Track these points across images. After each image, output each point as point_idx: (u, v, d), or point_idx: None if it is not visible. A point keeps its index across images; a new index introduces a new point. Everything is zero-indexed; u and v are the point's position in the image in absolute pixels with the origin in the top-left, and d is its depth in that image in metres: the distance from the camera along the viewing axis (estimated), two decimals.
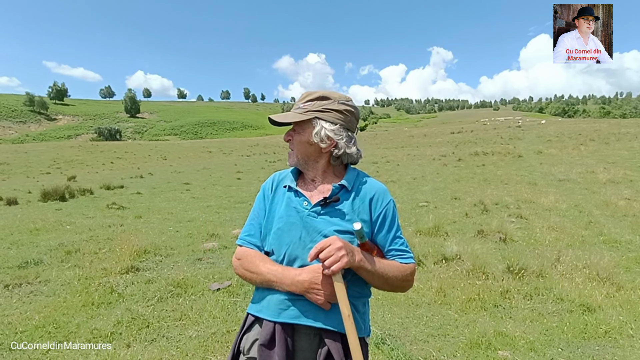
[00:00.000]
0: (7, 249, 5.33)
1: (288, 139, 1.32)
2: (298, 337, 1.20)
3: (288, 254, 1.22)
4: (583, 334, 2.96)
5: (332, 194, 1.26)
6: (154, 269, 4.57)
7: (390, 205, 1.31)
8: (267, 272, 1.20)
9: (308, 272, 1.16)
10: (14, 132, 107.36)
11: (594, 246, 5.19)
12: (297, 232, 1.22)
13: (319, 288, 1.14)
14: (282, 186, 1.32)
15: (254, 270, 1.23)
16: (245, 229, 1.34)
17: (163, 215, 8.19)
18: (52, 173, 26.35)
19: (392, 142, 37.43)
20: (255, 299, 1.28)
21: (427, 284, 3.98)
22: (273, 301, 1.21)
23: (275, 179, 1.37)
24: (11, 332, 3.03)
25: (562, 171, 13.14)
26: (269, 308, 1.22)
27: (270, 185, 1.35)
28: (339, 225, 1.23)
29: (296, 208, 1.25)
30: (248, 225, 1.33)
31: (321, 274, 1.14)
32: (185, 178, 16.70)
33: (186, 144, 66.77)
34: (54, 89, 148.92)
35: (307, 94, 1.29)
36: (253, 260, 1.24)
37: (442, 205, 8.57)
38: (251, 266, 1.24)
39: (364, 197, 1.29)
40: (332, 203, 1.25)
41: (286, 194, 1.29)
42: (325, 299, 1.14)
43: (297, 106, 1.29)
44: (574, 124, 42.04)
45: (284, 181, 1.33)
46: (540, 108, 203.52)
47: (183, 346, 2.87)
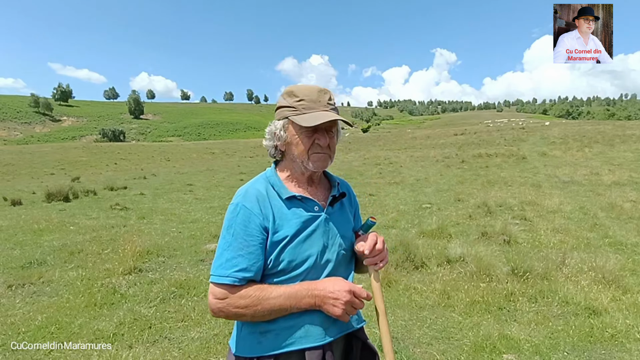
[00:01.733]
0: (10, 249, 5.35)
1: (327, 143, 1.16)
2: (337, 348, 1.19)
3: (315, 265, 1.13)
4: (589, 338, 2.93)
5: (339, 191, 1.26)
6: (157, 270, 4.57)
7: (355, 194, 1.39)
8: (278, 296, 1.06)
9: (330, 283, 1.09)
10: (19, 133, 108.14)
11: (599, 249, 5.14)
12: (320, 241, 1.15)
13: (336, 297, 1.06)
14: (275, 200, 1.15)
15: (257, 303, 1.05)
16: (230, 262, 1.07)
17: (166, 216, 8.20)
18: (56, 174, 26.48)
19: (395, 144, 37.38)
20: (272, 335, 1.11)
21: (431, 286, 3.96)
22: (315, 323, 1.11)
23: (258, 196, 1.14)
24: (14, 333, 3.03)
25: (566, 173, 13.06)
26: (310, 333, 1.11)
27: (258, 205, 1.12)
28: (348, 221, 1.27)
29: (312, 215, 1.16)
30: (236, 257, 1.08)
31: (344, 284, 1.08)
32: (188, 179, 16.72)
33: (189, 145, 66.96)
34: (59, 91, 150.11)
35: (328, 91, 1.18)
36: (252, 293, 1.06)
37: (446, 207, 8.54)
38: (251, 300, 1.05)
39: (347, 190, 1.34)
40: (340, 200, 1.26)
41: (289, 204, 1.15)
42: (346, 309, 1.07)
43: (329, 104, 1.16)
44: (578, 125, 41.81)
45: (271, 194, 1.16)
46: (544, 110, 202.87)
47: (185, 347, 2.86)
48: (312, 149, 1.14)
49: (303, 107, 1.13)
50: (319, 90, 1.16)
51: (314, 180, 1.25)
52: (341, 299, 1.05)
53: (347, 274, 1.24)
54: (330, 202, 1.22)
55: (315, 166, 1.16)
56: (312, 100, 1.13)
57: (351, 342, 1.23)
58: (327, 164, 1.18)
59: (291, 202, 1.16)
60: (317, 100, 1.14)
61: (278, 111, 1.19)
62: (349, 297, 1.05)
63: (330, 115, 1.12)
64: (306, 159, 1.15)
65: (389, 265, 4.41)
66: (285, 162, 1.23)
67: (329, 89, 1.20)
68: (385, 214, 7.92)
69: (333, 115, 1.12)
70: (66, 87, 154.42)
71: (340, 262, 1.20)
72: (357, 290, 1.08)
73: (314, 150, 1.15)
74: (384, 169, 17.55)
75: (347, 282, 1.09)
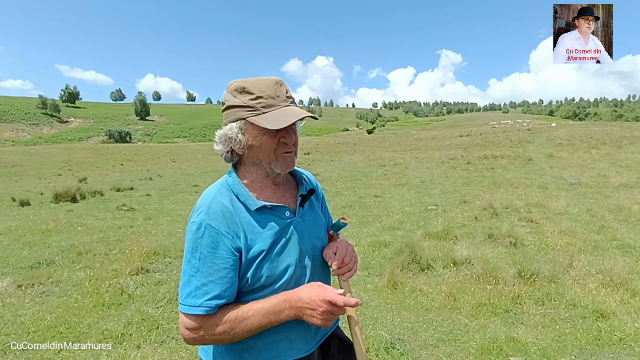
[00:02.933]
0: (20, 250, 5.41)
1: (293, 141, 1.09)
2: (318, 353, 1.20)
3: (294, 274, 1.08)
4: (597, 341, 2.91)
5: (307, 189, 1.20)
6: (164, 270, 4.60)
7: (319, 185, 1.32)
8: (256, 314, 0.98)
9: (306, 292, 0.99)
10: (27, 134, 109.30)
11: (607, 251, 5.10)
12: (296, 248, 1.09)
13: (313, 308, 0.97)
14: (243, 213, 1.04)
15: (234, 326, 0.97)
16: (201, 289, 0.97)
17: (172, 217, 8.25)
18: (63, 175, 26.73)
19: (400, 145, 37.29)
20: (255, 350, 1.06)
21: (437, 288, 3.95)
22: (300, 335, 1.09)
23: (224, 211, 1.02)
24: (24, 332, 3.07)
25: (573, 175, 12.96)
26: (295, 345, 1.08)
27: (225, 223, 1.01)
28: (320, 219, 1.23)
29: (285, 223, 1.09)
30: (206, 284, 0.98)
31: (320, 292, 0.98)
32: (194, 180, 16.80)
33: (195, 146, 67.27)
34: (66, 92, 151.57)
35: (282, 81, 1.07)
36: (228, 317, 0.98)
37: (451, 208, 8.50)
38: (228, 326, 0.97)
39: (313, 183, 1.28)
40: (309, 198, 1.20)
41: (258, 216, 1.05)
42: (325, 318, 0.98)
43: (288, 98, 1.06)
44: (585, 127, 41.46)
45: (238, 207, 1.05)
46: (551, 111, 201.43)
47: (192, 348, 2.88)
48: (279, 149, 1.05)
49: (262, 105, 1.01)
50: (274, 83, 1.05)
51: (279, 181, 1.15)
52: (317, 309, 0.96)
53: (327, 275, 1.21)
54: (300, 203, 1.15)
55: (283, 168, 1.08)
56: (270, 97, 1.02)
57: (328, 341, 1.23)
58: (294, 163, 1.10)
59: (261, 213, 1.05)
60: (275, 96, 1.03)
61: (229, 111, 1.06)
62: (325, 307, 0.96)
63: (297, 111, 1.02)
64: (274, 159, 1.06)
65: (394, 266, 4.40)
66: (246, 166, 1.11)
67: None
68: (390, 216, 7.91)
69: (299, 111, 1.03)
70: (73, 89, 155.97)
71: (317, 264, 1.16)
72: (333, 298, 0.95)
73: (281, 151, 1.06)
74: (389, 171, 17.51)
75: (322, 289, 0.98)
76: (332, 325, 1.23)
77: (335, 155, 30.29)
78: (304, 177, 1.23)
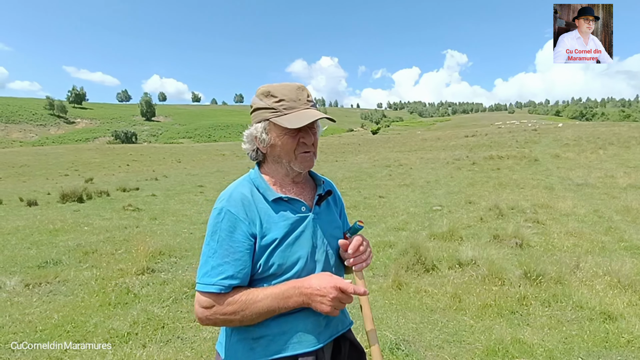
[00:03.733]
0: (27, 249, 5.47)
1: (313, 141, 1.15)
2: (327, 351, 1.19)
3: (305, 267, 1.12)
4: (604, 343, 2.88)
5: (324, 189, 1.25)
6: (169, 270, 4.63)
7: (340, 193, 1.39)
8: (265, 298, 1.04)
9: (316, 279, 1.06)
10: (34, 135, 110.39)
11: (614, 253, 5.05)
12: (309, 242, 1.14)
13: (323, 294, 1.02)
14: (261, 203, 1.13)
15: (244, 307, 1.04)
16: (216, 269, 1.05)
17: (177, 217, 8.29)
18: (70, 175, 26.96)
19: (405, 146, 37.21)
20: (265, 341, 1.10)
21: (442, 289, 3.93)
22: (308, 328, 1.11)
23: (243, 200, 1.12)
24: (31, 331, 3.10)
25: (580, 175, 12.84)
26: (304, 338, 1.10)
27: (243, 210, 1.10)
28: (335, 220, 1.27)
29: (300, 216, 1.15)
30: (222, 264, 1.05)
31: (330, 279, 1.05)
32: (199, 181, 16.88)
33: (200, 147, 67.56)
34: (73, 93, 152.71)
35: (305, 87, 1.16)
36: (239, 298, 1.04)
37: (456, 209, 8.47)
38: (238, 306, 1.04)
39: (332, 189, 1.33)
40: (326, 198, 1.25)
41: (275, 207, 1.13)
42: (334, 305, 1.03)
43: (308, 102, 1.14)
44: (592, 127, 41.08)
45: (257, 197, 1.14)
46: (557, 111, 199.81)
47: (197, 347, 2.90)
48: (299, 148, 1.13)
49: (284, 107, 1.10)
50: (297, 88, 1.14)
51: (299, 180, 1.23)
52: (327, 295, 1.01)
53: (339, 273, 1.23)
54: (316, 201, 1.21)
55: (302, 167, 1.15)
56: (291, 100, 1.11)
57: (339, 342, 1.23)
58: (313, 163, 1.17)
59: (278, 204, 1.14)
60: (296, 99, 1.11)
61: (255, 113, 1.16)
62: (336, 293, 1.02)
63: (315, 113, 1.10)
64: (293, 159, 1.14)
65: (399, 267, 4.39)
66: (269, 164, 1.20)
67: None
68: (395, 216, 7.89)
69: (317, 113, 1.10)
70: (80, 90, 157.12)
71: (329, 262, 1.19)
72: (343, 285, 1.03)
73: (300, 150, 1.13)
74: (394, 171, 17.47)
75: (333, 277, 1.06)
76: (343, 325, 1.23)
77: (340, 156, 30.28)
78: (323, 180, 1.28)
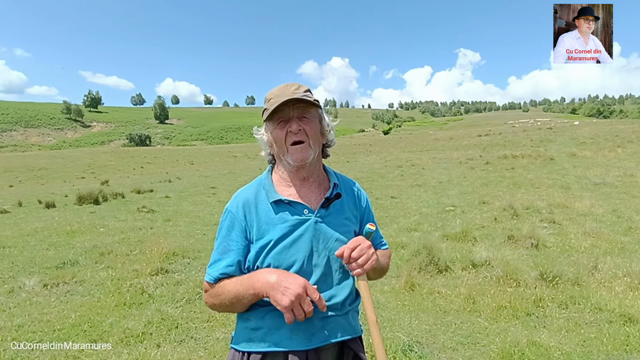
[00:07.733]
0: (45, 250, 5.60)
1: (299, 128, 1.13)
2: (326, 355, 1.16)
3: (301, 271, 1.11)
4: (624, 346, 2.80)
5: (333, 192, 1.21)
6: (183, 271, 4.68)
7: (367, 197, 1.36)
8: (235, 282, 1.10)
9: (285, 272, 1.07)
10: (52, 138, 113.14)
11: (634, 253, 4.91)
12: (307, 245, 1.12)
13: (287, 286, 1.01)
14: (263, 205, 1.16)
15: (220, 292, 1.12)
16: (214, 263, 1.17)
17: (190, 218, 8.38)
18: (86, 177, 27.52)
19: (417, 146, 36.90)
20: (260, 333, 1.12)
21: (455, 290, 3.88)
22: (300, 327, 1.09)
23: (245, 202, 1.18)
24: (50, 330, 3.17)
25: (597, 174, 12.54)
26: (295, 336, 1.10)
27: (242, 211, 1.16)
28: (343, 225, 1.21)
29: (299, 219, 1.13)
30: (219, 260, 1.16)
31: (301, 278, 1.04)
32: (211, 182, 17.04)
33: (212, 148, 68.25)
34: (89, 97, 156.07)
35: (296, 84, 1.19)
36: (220, 284, 1.13)
37: (470, 209, 8.36)
38: (216, 291, 1.13)
39: (349, 191, 1.28)
40: (334, 202, 1.20)
41: (276, 208, 1.15)
42: (294, 302, 1.00)
43: (294, 93, 1.14)
44: (610, 125, 40.11)
45: (261, 198, 1.17)
46: (573, 109, 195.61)
47: (211, 347, 2.92)
48: (288, 140, 1.13)
49: (270, 104, 1.14)
50: (285, 85, 1.19)
51: (308, 179, 1.20)
52: (292, 288, 1.00)
53: (341, 281, 1.17)
54: (323, 204, 1.17)
55: (294, 158, 1.13)
56: (277, 95, 1.15)
57: (343, 352, 1.19)
58: (307, 154, 1.14)
59: (278, 206, 1.15)
60: (281, 94, 1.14)
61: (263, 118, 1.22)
62: (301, 290, 1.00)
63: (287, 95, 1.12)
64: (285, 151, 1.14)
65: (412, 268, 4.35)
66: (277, 164, 1.25)
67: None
68: (407, 217, 7.83)
69: (289, 95, 1.11)
70: (96, 94, 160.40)
71: (330, 266, 1.15)
72: (310, 288, 1.02)
73: (289, 141, 1.13)
74: (406, 171, 17.34)
75: (304, 279, 1.05)
76: (345, 333, 1.17)
77: (351, 157, 30.20)
78: (335, 182, 1.23)
